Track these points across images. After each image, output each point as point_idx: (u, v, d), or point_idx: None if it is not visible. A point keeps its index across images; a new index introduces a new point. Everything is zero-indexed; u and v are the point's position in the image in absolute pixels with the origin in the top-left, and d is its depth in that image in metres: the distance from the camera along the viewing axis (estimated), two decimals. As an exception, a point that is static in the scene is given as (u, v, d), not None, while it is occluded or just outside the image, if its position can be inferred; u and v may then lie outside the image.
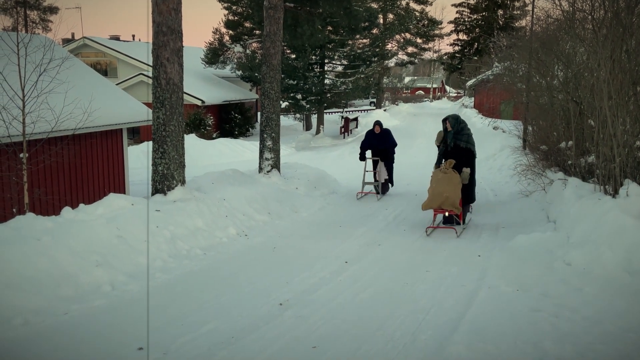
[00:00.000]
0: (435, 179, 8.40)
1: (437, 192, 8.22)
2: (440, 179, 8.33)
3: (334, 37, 25.34)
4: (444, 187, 8.18)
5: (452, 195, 8.15)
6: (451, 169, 8.43)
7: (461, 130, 8.77)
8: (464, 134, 8.76)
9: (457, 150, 8.70)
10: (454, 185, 8.23)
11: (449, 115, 8.96)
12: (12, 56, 7.65)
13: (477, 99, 34.50)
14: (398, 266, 6.62)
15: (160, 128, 8.30)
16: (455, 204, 8.16)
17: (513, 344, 4.31)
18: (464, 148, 8.68)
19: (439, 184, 8.26)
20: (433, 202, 8.27)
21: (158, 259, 6.49)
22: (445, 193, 8.15)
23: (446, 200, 8.15)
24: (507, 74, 18.46)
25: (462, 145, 8.68)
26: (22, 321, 4.69)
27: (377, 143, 11.82)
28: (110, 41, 29.22)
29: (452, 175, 8.33)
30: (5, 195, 8.70)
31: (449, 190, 8.16)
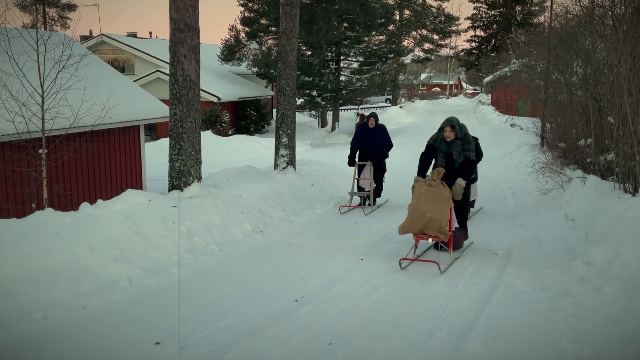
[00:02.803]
0: (417, 193, 6.60)
1: (419, 211, 6.36)
2: (423, 193, 6.47)
3: (350, 34, 25.28)
4: (428, 204, 6.36)
5: (438, 215, 6.30)
6: (440, 181, 6.58)
7: (466, 137, 6.98)
8: (470, 142, 6.99)
9: (464, 163, 6.89)
10: (442, 203, 6.41)
11: (450, 119, 6.90)
12: (31, 53, 7.73)
13: (494, 95, 34.20)
14: (414, 263, 6.59)
15: (177, 124, 8.34)
16: (442, 227, 6.33)
17: (530, 343, 4.27)
18: (472, 160, 6.97)
19: (421, 200, 6.45)
20: (412, 225, 6.42)
21: (175, 255, 6.53)
22: (429, 213, 6.29)
23: (430, 223, 6.31)
24: (525, 70, 18.27)
25: (471, 157, 6.90)
26: (41, 315, 4.75)
27: (368, 140, 9.83)
28: (128, 38, 29.46)
29: (440, 190, 6.48)
30: (24, 190, 8.82)
31: (435, 210, 6.33)
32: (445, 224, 6.38)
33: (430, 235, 6.39)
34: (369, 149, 9.85)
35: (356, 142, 9.92)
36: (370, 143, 9.80)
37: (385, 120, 29.87)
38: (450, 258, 6.59)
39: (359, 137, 9.89)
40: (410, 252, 6.72)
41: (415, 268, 6.43)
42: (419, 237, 6.52)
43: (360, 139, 9.88)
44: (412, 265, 6.54)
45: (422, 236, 6.46)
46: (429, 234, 6.38)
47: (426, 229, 6.37)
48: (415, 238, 6.60)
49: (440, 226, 6.32)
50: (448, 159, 6.91)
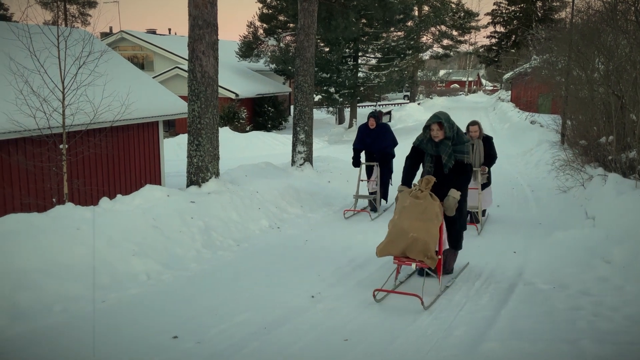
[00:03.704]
0: (399, 207, 5.44)
1: (400, 230, 5.24)
2: (407, 207, 5.33)
3: (368, 30, 25.17)
4: (412, 221, 5.21)
5: (423, 235, 5.15)
6: (428, 192, 5.41)
7: (458, 136, 5.69)
8: (464, 142, 5.68)
9: (457, 169, 5.67)
10: (429, 220, 5.24)
11: (438, 114, 5.64)
12: (52, 49, 7.82)
13: (514, 92, 33.83)
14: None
15: (196, 121, 8.39)
16: (428, 250, 5.14)
17: (550, 343, 4.22)
18: (466, 164, 5.68)
19: (404, 215, 5.30)
20: (393, 246, 5.28)
21: (192, 250, 6.58)
22: (413, 232, 5.16)
23: (414, 244, 5.15)
24: (546, 67, 18.05)
25: (465, 160, 5.64)
26: (61, 308, 4.82)
27: (370, 142, 9.14)
28: (147, 35, 29.69)
29: (428, 203, 5.30)
30: (45, 185, 8.94)
31: (420, 229, 5.17)
32: (433, 246, 5.18)
33: (414, 260, 5.22)
34: (372, 150, 9.24)
35: (358, 144, 9.23)
36: (372, 145, 9.12)
37: (402, 117, 29.81)
38: (439, 287, 5.47)
39: (361, 138, 9.21)
40: (389, 280, 5.64)
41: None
42: (401, 262, 5.33)
43: (362, 140, 9.19)
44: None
45: (405, 260, 5.28)
46: (412, 257, 5.20)
47: (409, 251, 5.18)
48: (396, 262, 5.41)
49: (426, 248, 5.12)
50: (437, 164, 5.71)
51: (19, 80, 7.81)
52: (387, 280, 5.63)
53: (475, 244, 7.32)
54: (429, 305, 5.09)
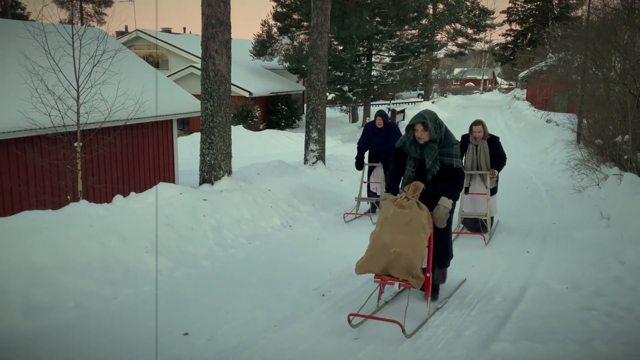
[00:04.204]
0: (381, 217, 4.84)
1: (381, 244, 4.62)
2: (390, 217, 4.72)
3: (382, 28, 25.10)
4: (395, 234, 4.59)
5: (407, 251, 4.52)
6: (416, 201, 4.76)
7: (446, 138, 5.03)
8: (452, 144, 5.02)
9: (447, 175, 5.00)
10: (414, 233, 4.60)
11: (423, 113, 4.97)
12: (67, 48, 7.90)
13: (529, 91, 33.54)
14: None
15: (208, 119, 8.43)
16: (413, 267, 4.50)
17: (561, 343, 4.18)
18: (456, 169, 5.00)
19: (386, 227, 4.69)
20: (373, 262, 4.65)
21: (204, 247, 6.61)
22: (396, 247, 4.54)
23: (396, 261, 4.53)
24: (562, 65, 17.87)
25: (454, 164, 4.97)
26: (74, 304, 4.87)
27: (378, 142, 8.68)
28: (162, 34, 29.87)
29: (414, 213, 4.66)
30: (60, 182, 9.04)
31: (404, 243, 4.54)
32: (419, 263, 4.55)
33: (396, 279, 4.59)
34: (378, 150, 8.83)
35: (363, 143, 8.82)
36: (380, 144, 8.65)
37: (417, 115, 29.62)
38: (427, 310, 4.81)
39: (367, 137, 8.74)
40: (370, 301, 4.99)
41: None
42: (383, 281, 4.71)
43: (368, 139, 8.74)
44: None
45: (387, 279, 4.65)
46: (395, 276, 4.58)
47: (391, 268, 4.55)
48: (377, 281, 4.77)
49: (410, 266, 4.49)
50: (420, 168, 5.07)
51: (34, 78, 7.90)
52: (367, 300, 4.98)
53: (489, 244, 7.27)
54: (412, 332, 4.47)
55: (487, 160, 7.72)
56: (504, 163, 7.86)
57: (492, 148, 7.72)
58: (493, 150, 7.72)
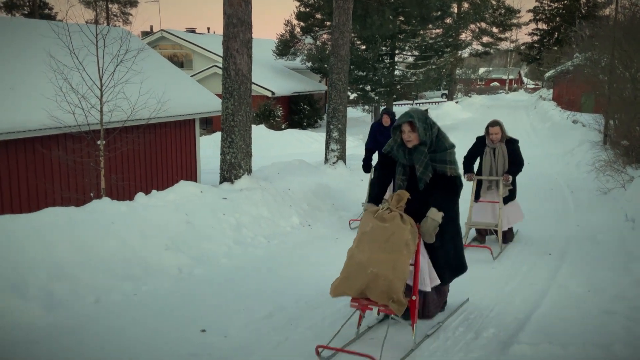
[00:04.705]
0: (360, 232, 4.24)
1: (358, 263, 4.05)
2: (368, 232, 4.13)
3: (405, 27, 24.96)
4: (374, 252, 4.01)
5: (387, 271, 3.92)
6: (399, 213, 4.14)
7: (438, 141, 4.41)
8: (445, 149, 4.40)
9: (440, 184, 4.38)
10: (396, 251, 3.99)
11: (410, 112, 4.41)
12: (91, 47, 8.03)
13: (556, 91, 33.04)
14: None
15: (229, 118, 8.48)
16: (393, 291, 3.89)
17: (582, 347, 4.11)
18: (451, 177, 4.38)
19: (364, 243, 4.11)
20: (348, 283, 4.05)
21: (223, 245, 6.65)
22: (373, 266, 3.95)
23: (374, 282, 3.93)
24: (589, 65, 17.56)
25: (448, 172, 4.35)
26: (94, 299, 4.95)
27: (384, 141, 7.89)
28: (186, 34, 30.15)
29: (396, 228, 4.05)
30: (84, 180, 9.19)
31: (383, 262, 3.95)
32: (400, 286, 3.92)
33: (375, 303, 3.98)
34: None
35: (370, 144, 8.30)
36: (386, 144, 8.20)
37: (440, 115, 29.42)
38: (413, 339, 4.18)
39: (373, 137, 8.19)
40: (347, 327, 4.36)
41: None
42: (361, 306, 4.07)
43: (374, 139, 8.16)
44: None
45: (365, 303, 4.03)
46: (373, 299, 3.96)
47: (369, 291, 3.95)
48: (354, 306, 4.12)
49: (390, 289, 3.88)
50: (411, 177, 4.45)
51: (58, 77, 8.04)
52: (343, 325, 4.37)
53: (510, 245, 7.15)
54: None
55: (506, 165, 7.06)
56: (521, 169, 7.16)
57: (510, 152, 7.05)
58: (511, 154, 7.04)
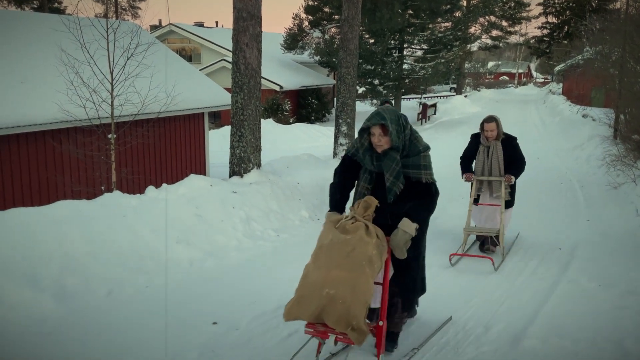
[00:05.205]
0: (318, 245, 3.70)
1: (312, 283, 3.51)
2: (327, 246, 3.60)
3: (414, 21, 24.85)
4: (331, 269, 3.47)
5: (345, 293, 3.38)
6: (364, 223, 3.61)
7: (411, 144, 3.83)
8: (419, 152, 3.83)
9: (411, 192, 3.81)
10: (357, 269, 3.45)
11: (381, 112, 3.73)
12: (102, 41, 8.05)
13: (565, 85, 32.80)
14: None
15: (238, 112, 8.50)
16: (352, 316, 3.35)
17: (592, 341, 4.11)
18: (427, 184, 3.83)
19: (321, 259, 3.58)
20: (302, 306, 3.48)
21: (233, 239, 6.68)
22: (330, 287, 3.40)
23: (331, 306, 3.38)
24: (599, 59, 17.41)
25: (423, 178, 3.81)
26: (106, 291, 5.00)
27: None
28: (195, 27, 30.15)
29: (358, 241, 3.52)
30: (95, 173, 9.24)
31: (341, 282, 3.41)
32: (360, 311, 3.36)
33: (332, 330, 3.44)
34: None
35: None
36: None
37: (448, 109, 29.31)
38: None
39: None
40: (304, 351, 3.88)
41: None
42: (316, 333, 3.56)
43: None
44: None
45: (320, 330, 3.51)
46: (330, 327, 3.40)
47: (326, 316, 3.38)
48: (310, 333, 3.60)
49: (349, 315, 3.34)
50: (378, 185, 3.84)
51: (69, 71, 8.08)
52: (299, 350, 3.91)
53: (518, 240, 7.13)
54: None
55: (501, 165, 6.43)
56: (523, 168, 6.52)
57: (508, 151, 6.45)
58: (509, 153, 6.44)
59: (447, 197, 8.81)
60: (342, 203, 4.01)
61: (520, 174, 6.51)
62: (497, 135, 6.44)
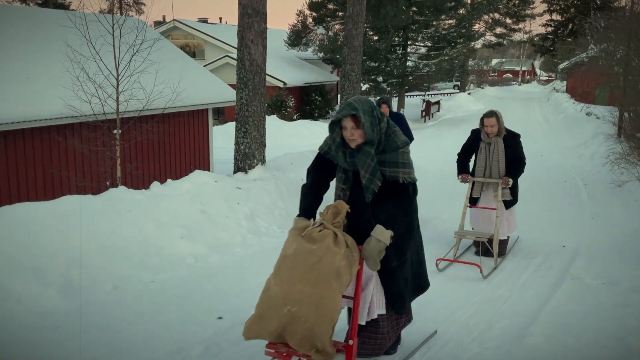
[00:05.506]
0: (280, 256, 3.32)
1: (273, 298, 3.17)
2: (290, 257, 3.22)
3: (418, 18, 24.80)
4: (293, 283, 3.11)
5: (308, 311, 3.03)
6: (333, 231, 3.21)
7: (388, 138, 3.40)
8: (397, 148, 3.40)
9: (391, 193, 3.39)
10: (323, 283, 3.07)
11: (353, 103, 3.33)
12: (107, 37, 8.08)
13: (569, 83, 32.73)
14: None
15: (243, 108, 8.52)
16: (317, 337, 3.01)
17: (595, 339, 4.12)
18: (404, 184, 3.39)
19: (282, 272, 3.23)
20: (263, 324, 3.15)
21: (238, 235, 6.71)
22: (291, 304, 3.07)
23: (293, 325, 3.05)
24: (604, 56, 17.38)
25: (400, 177, 3.37)
26: (112, 286, 5.03)
27: None
28: (199, 24, 30.15)
29: (325, 251, 3.12)
30: (99, 169, 9.28)
31: (305, 298, 3.06)
32: (326, 330, 3.02)
33: (295, 352, 3.10)
34: None
35: None
36: None
37: (452, 107, 29.31)
38: None
39: None
40: None
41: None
42: (278, 354, 3.18)
43: None
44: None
45: (282, 351, 3.14)
46: (293, 348, 3.09)
47: (288, 336, 3.06)
48: (270, 354, 3.23)
49: (312, 335, 3.00)
50: (355, 185, 3.47)
51: (75, 66, 8.11)
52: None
53: (523, 237, 7.15)
54: None
55: (501, 165, 6.13)
56: (522, 169, 6.20)
57: (509, 149, 6.12)
58: (510, 152, 6.12)
59: (449, 195, 8.86)
60: (313, 207, 3.61)
61: (519, 176, 6.23)
62: (498, 132, 6.10)
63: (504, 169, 6.11)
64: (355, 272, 3.26)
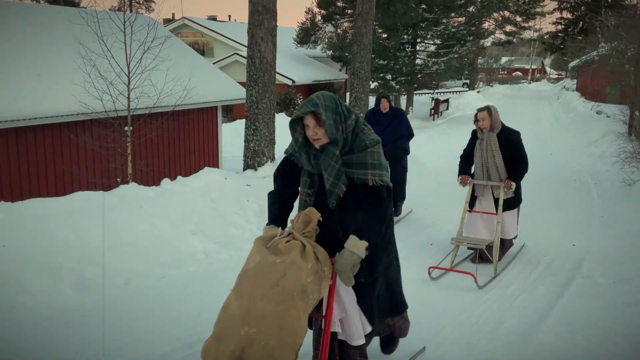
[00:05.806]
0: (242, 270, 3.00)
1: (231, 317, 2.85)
2: (252, 270, 2.92)
3: (428, 16, 24.73)
4: (254, 301, 2.78)
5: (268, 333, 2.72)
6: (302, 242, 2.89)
7: (356, 137, 3.08)
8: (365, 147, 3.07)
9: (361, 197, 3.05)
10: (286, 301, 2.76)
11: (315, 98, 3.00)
12: (119, 34, 8.13)
13: (580, 81, 32.54)
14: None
15: (253, 106, 8.55)
16: None
17: (605, 337, 4.12)
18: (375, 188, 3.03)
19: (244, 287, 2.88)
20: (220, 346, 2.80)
21: (247, 231, 6.74)
22: (250, 325, 2.73)
23: (251, 348, 2.71)
24: (614, 55, 17.27)
25: (369, 180, 3.03)
26: (124, 281, 5.08)
27: (381, 130, 6.70)
28: (208, 21, 30.25)
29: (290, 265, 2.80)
30: (110, 165, 9.34)
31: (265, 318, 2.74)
32: (288, 355, 2.75)
33: None
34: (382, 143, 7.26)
35: None
36: (382, 133, 6.28)
37: (461, 105, 29.19)
38: None
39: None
40: None
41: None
42: None
43: None
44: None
45: None
46: None
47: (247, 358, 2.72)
48: None
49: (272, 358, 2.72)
50: (321, 190, 3.15)
51: (87, 64, 8.17)
52: None
53: (533, 235, 7.13)
54: None
55: (498, 160, 5.75)
56: (525, 170, 5.79)
57: (507, 149, 5.74)
58: (509, 151, 5.75)
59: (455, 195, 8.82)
60: (283, 214, 3.28)
61: (522, 177, 5.83)
62: (491, 127, 5.72)
63: (502, 165, 5.75)
64: (325, 288, 2.94)
